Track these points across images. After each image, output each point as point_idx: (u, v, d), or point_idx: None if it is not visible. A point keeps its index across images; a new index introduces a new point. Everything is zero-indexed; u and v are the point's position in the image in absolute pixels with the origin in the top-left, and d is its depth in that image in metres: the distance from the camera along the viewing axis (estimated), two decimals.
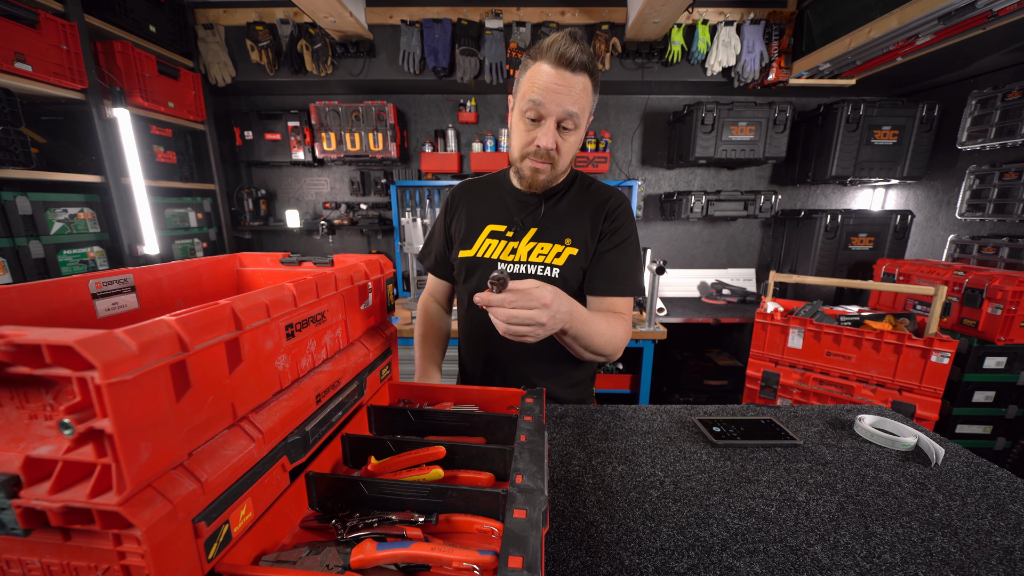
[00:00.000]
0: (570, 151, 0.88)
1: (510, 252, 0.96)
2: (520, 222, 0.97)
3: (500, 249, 0.97)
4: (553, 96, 0.80)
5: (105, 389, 0.28)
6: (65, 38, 1.64)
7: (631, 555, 0.54)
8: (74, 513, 0.31)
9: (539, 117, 0.83)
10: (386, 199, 2.89)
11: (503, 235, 0.98)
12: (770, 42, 2.35)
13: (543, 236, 0.96)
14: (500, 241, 0.98)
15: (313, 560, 0.45)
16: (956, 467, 0.74)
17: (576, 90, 0.80)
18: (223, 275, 0.81)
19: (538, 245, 0.95)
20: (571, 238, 0.94)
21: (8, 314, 0.48)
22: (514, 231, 0.97)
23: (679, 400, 2.64)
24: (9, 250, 1.58)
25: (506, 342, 0.98)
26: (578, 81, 0.80)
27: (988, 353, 1.83)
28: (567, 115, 0.81)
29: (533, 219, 0.97)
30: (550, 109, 0.81)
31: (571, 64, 0.79)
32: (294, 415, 0.50)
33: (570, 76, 0.79)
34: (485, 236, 0.99)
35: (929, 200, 2.58)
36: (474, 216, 1.02)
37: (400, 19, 2.33)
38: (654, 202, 2.96)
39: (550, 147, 0.84)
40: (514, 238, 0.97)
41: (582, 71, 0.80)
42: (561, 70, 0.79)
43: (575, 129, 0.85)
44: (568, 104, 0.80)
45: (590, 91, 0.83)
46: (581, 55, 0.79)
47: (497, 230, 0.98)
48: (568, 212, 0.97)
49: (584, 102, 0.82)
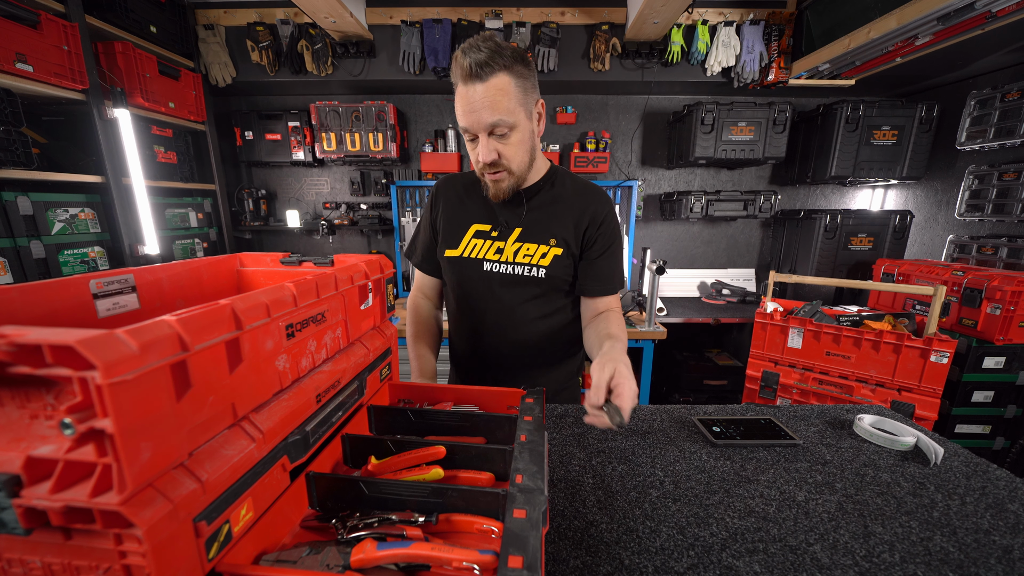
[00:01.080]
0: (516, 151, 0.87)
1: (495, 252, 0.98)
2: (505, 222, 0.99)
3: (486, 249, 0.99)
4: (471, 116, 0.82)
5: (106, 389, 0.28)
6: (66, 38, 1.64)
7: (631, 555, 0.54)
8: (75, 513, 0.31)
9: (473, 136, 0.85)
10: (386, 199, 2.89)
11: (488, 235, 0.99)
12: (770, 42, 2.35)
13: (528, 236, 0.97)
14: (486, 241, 0.99)
15: (313, 560, 0.45)
16: (955, 467, 0.74)
17: (492, 96, 0.80)
18: (223, 275, 0.81)
19: (524, 246, 0.97)
20: (555, 238, 0.97)
21: (9, 314, 0.49)
22: (499, 231, 0.99)
23: (679, 400, 2.64)
24: (10, 250, 1.58)
25: (498, 339, 1.03)
26: (491, 86, 0.79)
27: (987, 353, 1.83)
28: (491, 125, 0.82)
29: (517, 219, 0.98)
30: (474, 126, 0.83)
31: (474, 74, 0.79)
32: (294, 415, 0.50)
33: (480, 86, 0.79)
34: (471, 236, 1.00)
35: (928, 200, 2.58)
36: (458, 214, 1.03)
37: (400, 19, 2.33)
38: (654, 202, 2.96)
39: (490, 159, 0.85)
40: (499, 238, 0.98)
41: (491, 73, 0.79)
42: (469, 84, 0.80)
43: (512, 130, 0.84)
44: (487, 116, 0.81)
45: (511, 87, 0.81)
46: (484, 62, 0.78)
47: (482, 229, 1.00)
48: (551, 212, 0.98)
49: (506, 103, 0.81)
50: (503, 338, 1.02)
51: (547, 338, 1.03)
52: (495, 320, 1.01)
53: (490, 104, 0.80)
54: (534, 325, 1.01)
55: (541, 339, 1.02)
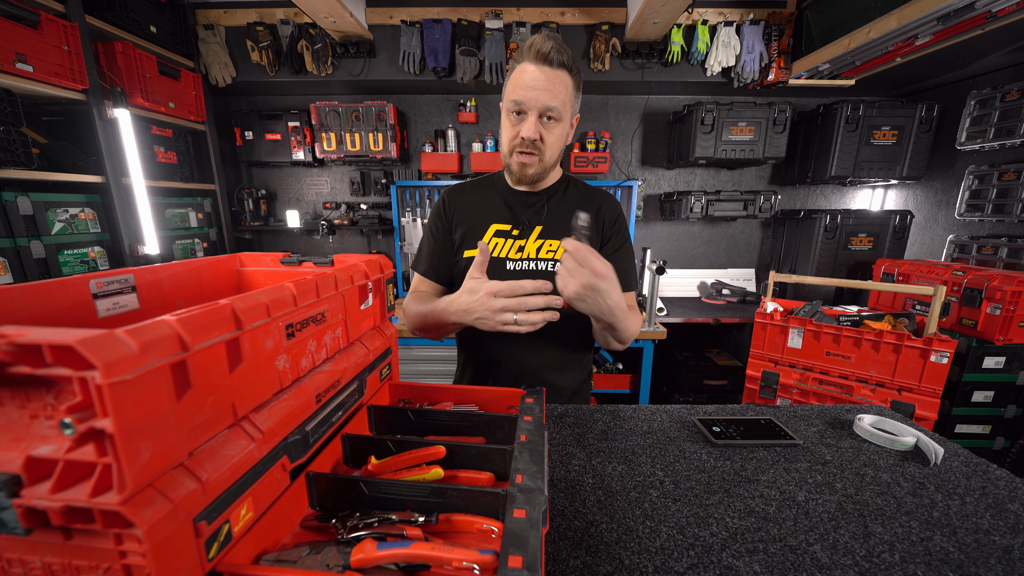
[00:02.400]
0: (555, 143, 0.92)
1: (517, 250, 0.99)
2: (526, 220, 1.00)
3: (507, 248, 1.00)
4: (532, 92, 0.85)
5: (106, 389, 0.28)
6: (66, 38, 1.65)
7: (631, 555, 0.54)
8: (75, 512, 0.31)
9: (522, 111, 0.88)
10: (386, 199, 2.89)
11: (509, 234, 1.00)
12: (770, 42, 2.36)
13: (549, 233, 0.99)
14: (507, 240, 1.00)
15: (313, 559, 0.45)
16: (955, 467, 0.74)
17: (555, 84, 0.85)
18: (223, 275, 0.81)
19: (546, 242, 0.99)
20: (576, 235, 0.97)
21: (9, 314, 0.49)
22: (520, 229, 1.00)
23: (679, 400, 2.64)
24: (10, 250, 1.58)
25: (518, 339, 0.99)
26: (556, 76, 0.85)
27: (987, 353, 1.84)
28: (547, 108, 0.86)
29: (538, 217, 1.01)
30: (531, 103, 0.86)
31: (548, 60, 0.84)
32: (294, 415, 0.50)
33: (549, 71, 0.85)
34: (490, 235, 1.01)
35: (928, 200, 2.58)
36: (475, 217, 1.03)
37: (400, 19, 2.33)
38: (654, 202, 2.96)
39: (533, 137, 0.88)
40: (520, 236, 1.00)
41: (561, 67, 0.86)
42: (540, 66, 0.85)
43: (558, 122, 0.89)
44: (547, 99, 0.86)
45: (570, 86, 0.88)
46: (559, 53, 0.84)
47: (503, 229, 1.01)
48: (570, 210, 1.00)
49: (563, 96, 0.87)
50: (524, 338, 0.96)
51: (567, 337, 1.03)
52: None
53: (552, 89, 0.85)
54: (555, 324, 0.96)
55: (561, 338, 1.02)
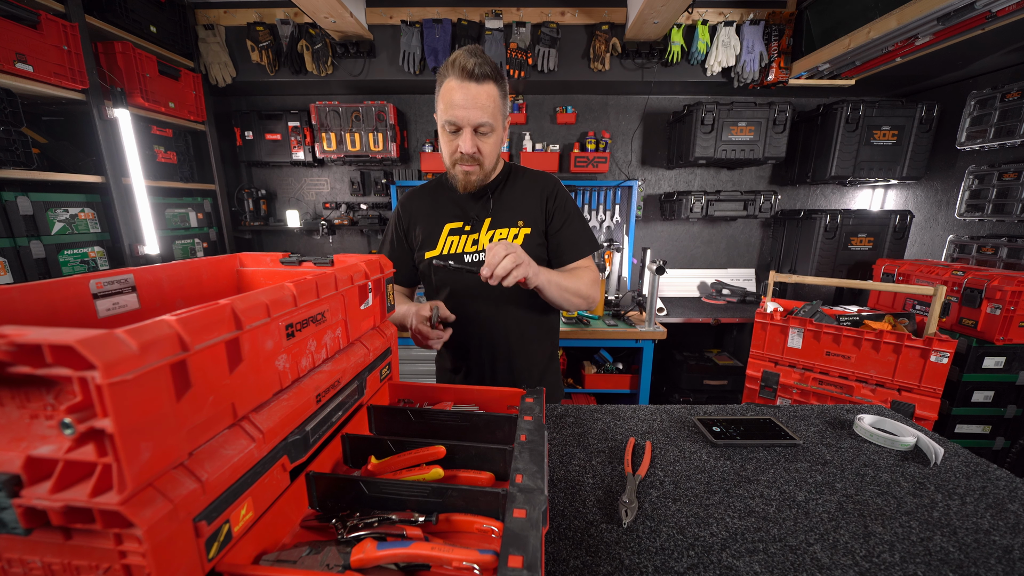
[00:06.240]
0: (491, 151, 0.98)
1: (472, 243, 1.06)
2: (475, 216, 1.07)
3: (463, 243, 1.07)
4: (463, 111, 0.90)
5: (106, 389, 0.28)
6: (66, 38, 1.64)
7: (631, 555, 0.54)
8: (75, 512, 0.31)
9: (457, 128, 0.94)
10: (386, 199, 2.89)
11: (462, 231, 1.07)
12: (770, 42, 2.35)
13: (498, 223, 1.06)
14: (461, 236, 1.07)
15: (313, 559, 0.45)
16: (955, 467, 0.74)
17: (482, 98, 0.90)
18: (223, 275, 0.81)
19: (496, 232, 1.06)
20: (522, 219, 1.06)
21: (9, 314, 0.49)
22: (471, 225, 1.07)
23: (679, 400, 2.64)
24: (10, 250, 1.58)
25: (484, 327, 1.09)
26: (483, 90, 0.90)
27: (987, 353, 1.83)
28: (479, 123, 0.92)
29: (485, 211, 1.07)
30: (463, 121, 0.92)
31: (473, 76, 0.89)
32: (294, 415, 0.50)
33: (475, 87, 0.90)
34: (446, 235, 1.08)
35: (928, 200, 2.58)
36: (430, 220, 1.10)
37: (400, 19, 2.33)
38: (654, 202, 2.96)
39: (471, 151, 0.94)
40: (472, 231, 1.07)
41: (485, 80, 0.90)
42: (465, 82, 0.89)
43: (491, 132, 0.95)
44: (477, 116, 0.91)
45: (497, 97, 0.93)
46: (482, 67, 0.89)
47: (455, 227, 1.08)
48: (514, 198, 1.08)
49: (492, 107, 0.92)
50: (489, 326, 1.08)
51: (529, 319, 1.11)
52: (479, 309, 1.07)
53: (481, 105, 0.91)
54: (517, 308, 1.08)
55: (524, 320, 1.10)
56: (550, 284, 0.96)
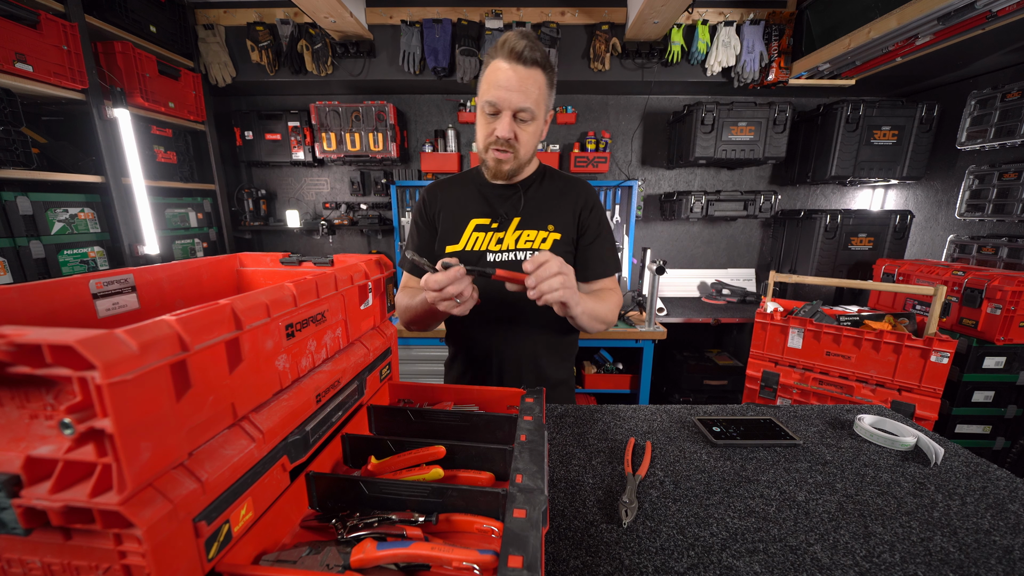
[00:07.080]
0: (529, 140, 0.93)
1: (496, 242, 1.00)
2: (504, 213, 1.02)
3: (487, 241, 1.01)
4: (505, 92, 0.86)
5: (106, 389, 0.28)
6: (66, 38, 1.64)
7: (631, 555, 0.54)
8: (75, 513, 0.31)
9: (496, 111, 0.89)
10: (386, 199, 2.89)
11: (488, 227, 1.02)
12: (770, 42, 2.35)
13: (527, 224, 1.01)
14: (486, 233, 1.01)
15: (313, 560, 0.45)
16: (955, 467, 0.74)
17: (527, 83, 0.86)
18: (223, 275, 0.81)
19: (524, 233, 1.00)
20: (553, 224, 1.01)
21: (8, 314, 0.48)
22: (499, 222, 1.01)
23: (679, 400, 2.64)
24: (10, 250, 1.58)
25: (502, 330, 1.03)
26: (530, 75, 0.86)
27: (987, 353, 1.83)
28: (520, 108, 0.87)
29: (515, 209, 1.02)
30: (504, 104, 0.87)
31: (522, 58, 0.84)
32: (294, 415, 0.50)
33: (522, 70, 0.85)
34: (471, 230, 1.02)
35: (928, 200, 2.58)
36: (456, 212, 1.04)
37: (400, 19, 2.33)
38: (654, 202, 2.96)
39: (507, 136, 0.89)
40: (499, 228, 1.01)
41: (534, 66, 0.86)
42: (513, 64, 0.85)
43: (532, 120, 0.90)
44: (519, 100, 0.86)
45: (543, 85, 0.89)
46: (532, 51, 0.85)
47: (482, 223, 1.02)
48: (546, 201, 1.03)
49: (536, 95, 0.88)
50: (507, 329, 1.03)
51: (549, 327, 1.04)
52: (498, 312, 1.01)
53: (525, 90, 0.86)
54: (537, 314, 1.00)
55: (543, 327, 1.04)
56: (584, 315, 0.87)
